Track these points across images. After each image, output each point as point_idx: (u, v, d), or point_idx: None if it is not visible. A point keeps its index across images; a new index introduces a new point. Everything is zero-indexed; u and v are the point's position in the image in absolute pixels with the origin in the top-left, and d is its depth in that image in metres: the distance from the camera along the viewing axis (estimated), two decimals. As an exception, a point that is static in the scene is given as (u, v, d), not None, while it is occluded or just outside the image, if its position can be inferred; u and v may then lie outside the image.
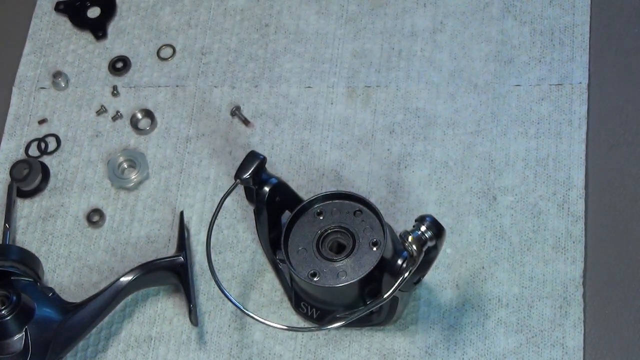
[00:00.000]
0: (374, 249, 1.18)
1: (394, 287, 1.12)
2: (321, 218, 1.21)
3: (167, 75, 1.45)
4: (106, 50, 1.49)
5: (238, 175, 1.20)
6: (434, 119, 1.36)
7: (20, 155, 1.44)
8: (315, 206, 1.22)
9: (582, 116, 1.32)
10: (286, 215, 1.25)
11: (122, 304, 1.28)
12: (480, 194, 1.30)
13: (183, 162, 1.39)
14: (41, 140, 1.43)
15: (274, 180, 1.23)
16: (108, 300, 1.24)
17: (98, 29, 1.50)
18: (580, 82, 1.34)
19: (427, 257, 1.12)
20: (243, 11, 1.48)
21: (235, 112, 1.40)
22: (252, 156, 1.21)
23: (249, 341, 1.26)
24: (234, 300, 1.19)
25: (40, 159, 1.42)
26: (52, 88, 1.47)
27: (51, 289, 1.29)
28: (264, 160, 1.21)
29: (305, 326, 1.26)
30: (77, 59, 1.49)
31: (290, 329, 1.24)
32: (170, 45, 1.47)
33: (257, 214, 1.24)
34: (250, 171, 1.20)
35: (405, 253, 1.13)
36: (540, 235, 1.26)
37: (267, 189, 1.22)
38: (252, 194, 1.22)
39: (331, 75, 1.41)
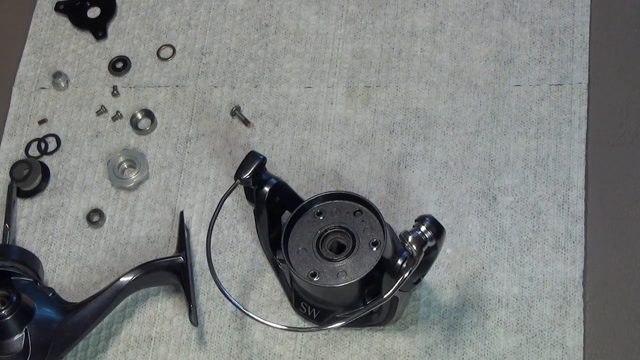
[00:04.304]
0: (374, 249, 1.18)
1: (394, 287, 1.12)
2: (321, 218, 1.21)
3: (167, 75, 1.45)
4: (106, 50, 1.49)
5: (238, 175, 1.20)
6: (434, 119, 1.36)
7: (20, 155, 1.44)
8: (315, 206, 1.22)
9: (582, 116, 1.32)
10: (286, 215, 1.25)
11: (122, 304, 1.28)
12: (480, 194, 1.30)
13: (183, 162, 1.39)
14: (41, 140, 1.43)
15: (273, 181, 1.22)
16: (108, 300, 1.24)
17: (98, 29, 1.50)
18: (580, 82, 1.34)
19: (427, 257, 1.12)
20: (243, 11, 1.48)
21: (235, 112, 1.40)
22: (252, 156, 1.21)
23: (249, 341, 1.26)
24: (234, 301, 1.19)
25: (40, 159, 1.42)
26: (52, 88, 1.47)
27: (51, 289, 1.29)
28: (264, 160, 1.21)
29: (306, 326, 1.26)
30: (77, 59, 1.49)
31: (291, 329, 1.24)
32: (170, 45, 1.47)
33: (257, 214, 1.24)
34: (250, 171, 1.20)
35: (405, 253, 1.13)
36: (540, 236, 1.26)
37: (267, 189, 1.22)
38: (252, 194, 1.22)
39: (331, 75, 1.41)
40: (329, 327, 1.20)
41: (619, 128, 1.32)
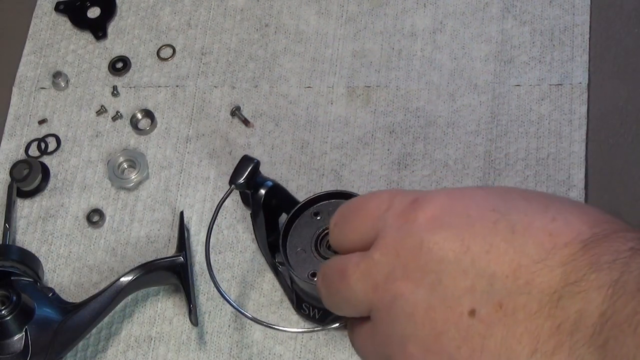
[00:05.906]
0: (373, 249, 1.18)
1: (392, 288, 1.12)
2: (318, 218, 1.21)
3: (167, 75, 1.45)
4: (106, 50, 1.49)
5: (232, 180, 1.20)
6: (434, 119, 1.36)
7: (20, 155, 1.44)
8: (312, 207, 1.22)
9: (582, 116, 1.32)
10: (284, 218, 1.25)
11: (122, 304, 1.28)
12: (480, 195, 1.30)
13: (183, 162, 1.39)
14: (41, 140, 1.44)
15: (269, 183, 1.22)
16: (108, 300, 1.24)
17: (98, 29, 1.50)
18: (580, 82, 1.34)
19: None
20: (243, 11, 1.48)
21: (235, 112, 1.40)
22: (246, 160, 1.21)
23: (249, 341, 1.26)
24: (234, 304, 1.19)
25: (40, 159, 1.42)
26: (52, 88, 1.47)
27: (51, 289, 1.29)
28: (257, 163, 1.20)
29: (306, 326, 1.25)
30: (77, 59, 1.49)
31: (295, 332, 1.24)
32: (170, 45, 1.47)
33: (254, 217, 1.24)
34: (244, 175, 1.20)
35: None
36: (539, 236, 1.26)
37: (262, 192, 1.22)
38: (248, 198, 1.22)
39: (331, 75, 1.41)
40: (332, 326, 1.20)
41: (619, 128, 1.31)
